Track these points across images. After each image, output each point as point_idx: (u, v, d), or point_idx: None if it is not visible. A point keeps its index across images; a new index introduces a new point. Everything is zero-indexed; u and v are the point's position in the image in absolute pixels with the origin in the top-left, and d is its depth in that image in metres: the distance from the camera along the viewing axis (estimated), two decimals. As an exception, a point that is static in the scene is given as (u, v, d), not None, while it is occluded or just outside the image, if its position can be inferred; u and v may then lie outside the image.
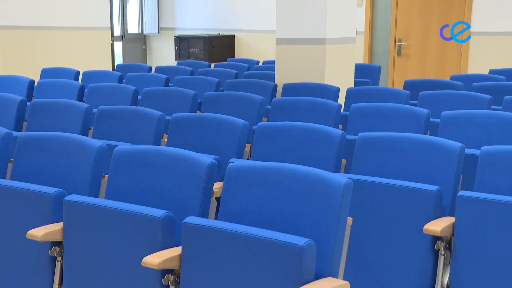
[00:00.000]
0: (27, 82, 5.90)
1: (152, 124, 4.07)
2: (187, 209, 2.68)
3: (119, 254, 2.54)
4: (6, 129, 3.37)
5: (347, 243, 2.47)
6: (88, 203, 2.62)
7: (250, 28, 11.20)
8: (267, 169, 2.51)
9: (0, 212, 2.90)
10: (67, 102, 4.46)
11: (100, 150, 3.04)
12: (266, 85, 5.64)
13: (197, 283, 2.35)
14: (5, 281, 2.91)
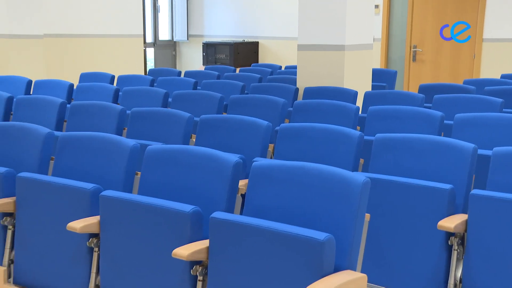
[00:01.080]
0: (67, 86, 5.94)
1: (181, 125, 4.08)
2: (214, 205, 2.69)
3: (151, 246, 2.55)
4: (48, 129, 3.39)
5: (364, 238, 2.46)
6: (123, 198, 2.63)
7: (273, 35, 11.19)
8: (289, 168, 2.50)
9: (42, 206, 2.93)
10: (103, 104, 4.48)
11: (133, 149, 3.06)
12: (288, 88, 5.63)
13: (223, 274, 2.36)
14: (46, 270, 2.93)
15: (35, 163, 3.36)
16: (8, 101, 5.05)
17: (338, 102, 4.53)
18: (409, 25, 9.60)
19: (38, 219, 2.94)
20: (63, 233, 2.84)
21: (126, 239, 2.62)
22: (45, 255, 2.92)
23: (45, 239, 2.92)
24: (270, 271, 2.25)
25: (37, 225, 2.94)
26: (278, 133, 3.66)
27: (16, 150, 3.44)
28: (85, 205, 2.79)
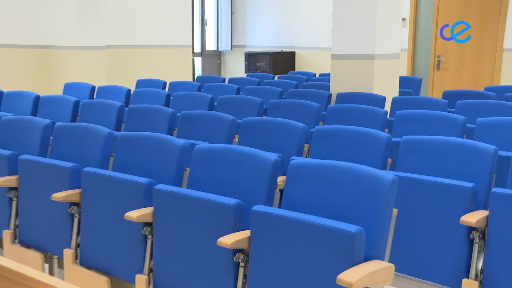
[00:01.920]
0: (125, 91, 6.00)
1: (225, 126, 4.09)
2: (255, 199, 2.68)
3: (199, 234, 2.56)
4: (109, 129, 3.43)
5: (392, 231, 2.43)
6: (173, 191, 2.64)
7: (308, 46, 11.17)
8: (323, 166, 2.48)
9: (103, 197, 2.96)
10: (156, 107, 4.51)
11: (183, 148, 3.07)
12: (322, 94, 5.61)
13: (263, 261, 2.35)
14: (107, 253, 2.96)
15: (98, 159, 3.40)
16: (75, 105, 5.12)
17: (368, 107, 4.49)
18: (433, 36, 9.50)
19: (100, 208, 2.97)
20: (122, 221, 2.87)
21: (176, 228, 2.63)
22: (106, 240, 2.96)
23: (106, 226, 2.96)
24: (305, 259, 2.23)
25: (99, 213, 2.98)
26: (313, 135, 3.64)
27: (81, 147, 3.49)
28: (140, 197, 2.81)
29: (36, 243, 3.30)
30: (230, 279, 2.45)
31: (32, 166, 3.28)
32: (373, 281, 2.08)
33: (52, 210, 3.19)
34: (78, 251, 3.10)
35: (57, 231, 3.18)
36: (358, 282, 1.99)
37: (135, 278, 2.79)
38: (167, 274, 2.68)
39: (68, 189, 3.10)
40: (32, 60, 8.18)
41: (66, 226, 3.13)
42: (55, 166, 3.16)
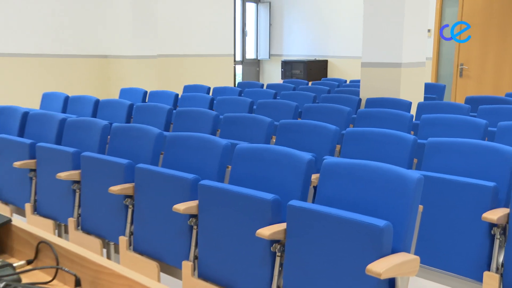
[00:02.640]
0: (173, 96, 6.05)
1: (264, 128, 4.08)
2: (290, 194, 2.67)
3: (239, 226, 2.56)
4: (159, 130, 3.46)
5: (418, 226, 2.39)
6: (216, 187, 2.65)
7: (339, 55, 11.11)
8: (354, 165, 2.46)
9: (154, 191, 2.98)
10: (201, 110, 4.54)
11: (225, 147, 3.07)
12: (352, 99, 5.57)
13: (298, 252, 2.34)
14: (157, 241, 2.98)
15: (149, 157, 3.43)
16: (130, 107, 5.18)
17: (395, 111, 4.45)
18: (456, 46, 9.37)
19: (151, 200, 3.00)
20: (170, 212, 2.89)
21: (219, 220, 2.64)
22: (156, 229, 2.98)
23: (156, 216, 2.98)
24: (336, 250, 2.21)
25: (150, 205, 3.01)
26: (344, 136, 3.62)
27: (135, 146, 3.53)
28: (187, 191, 2.82)
29: (95, 230, 3.36)
30: (268, 267, 2.45)
31: (92, 162, 3.33)
32: (399, 272, 2.06)
33: (109, 201, 3.24)
34: (131, 238, 3.14)
35: (114, 220, 3.22)
36: (385, 272, 1.97)
37: (182, 264, 2.81)
38: (210, 261, 2.69)
39: (123, 183, 3.14)
40: (93, 68, 8.32)
41: (121, 216, 3.18)
42: (112, 162, 3.21)
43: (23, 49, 7.60)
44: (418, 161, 3.64)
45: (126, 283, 1.21)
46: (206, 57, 9.86)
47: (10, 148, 3.94)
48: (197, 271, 2.76)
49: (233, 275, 2.59)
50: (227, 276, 2.62)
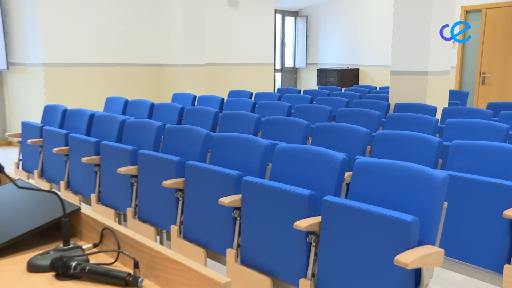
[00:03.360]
0: (219, 100, 6.08)
1: (301, 129, 4.07)
2: (325, 190, 2.66)
3: (279, 218, 2.55)
4: (207, 131, 3.49)
5: (443, 221, 2.35)
6: (258, 182, 2.65)
7: (370, 64, 10.99)
8: (384, 164, 2.43)
9: (202, 185, 3.00)
10: (244, 113, 4.55)
11: (266, 147, 3.07)
12: (382, 104, 5.50)
13: (331, 242, 2.33)
14: (203, 230, 3.01)
15: (197, 154, 3.46)
16: (181, 110, 5.24)
17: (421, 115, 4.38)
18: (479, 56, 9.19)
19: (199, 194, 3.02)
20: (216, 205, 2.91)
21: (260, 212, 2.64)
22: (203, 220, 3.00)
23: (203, 208, 3.00)
24: (367, 242, 2.19)
25: (199, 198, 3.03)
26: (374, 138, 3.58)
27: (185, 144, 3.56)
28: (231, 186, 2.83)
29: (150, 219, 3.41)
30: (304, 255, 2.44)
31: (148, 159, 3.38)
32: (425, 263, 2.03)
33: (162, 194, 3.28)
34: (181, 227, 3.17)
35: (166, 211, 3.26)
36: (412, 263, 1.95)
37: (226, 251, 2.83)
38: (252, 250, 2.70)
39: (175, 177, 3.17)
40: (149, 76, 8.44)
41: (173, 207, 3.21)
42: (165, 159, 3.25)
43: (90, 60, 7.77)
44: (442, 161, 3.58)
45: (178, 267, 1.23)
46: (248, 66, 9.89)
47: (79, 146, 4.04)
48: (239, 258, 2.77)
49: (272, 263, 2.59)
50: (266, 263, 2.62)
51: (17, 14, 7.58)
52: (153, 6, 8.36)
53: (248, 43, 9.86)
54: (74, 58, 7.61)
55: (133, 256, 1.36)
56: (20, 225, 1.56)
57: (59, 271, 1.33)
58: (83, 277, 1.31)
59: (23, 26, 7.50)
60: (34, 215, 1.60)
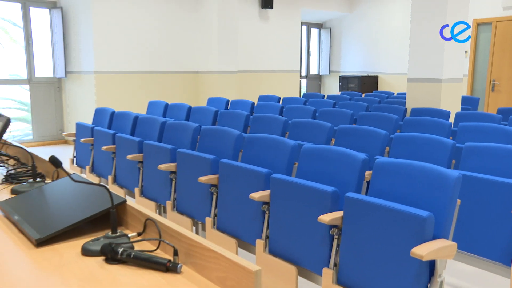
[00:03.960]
0: (250, 104, 6.09)
1: (325, 131, 4.04)
2: (347, 187, 2.63)
3: (304, 212, 2.54)
4: (239, 132, 3.49)
5: (456, 217, 2.30)
6: (285, 179, 2.64)
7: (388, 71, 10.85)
8: (402, 164, 2.40)
9: (234, 181, 3.01)
10: (273, 116, 4.54)
11: (293, 147, 3.06)
12: (399, 108, 5.43)
13: (352, 235, 2.30)
14: (235, 222, 3.01)
15: (230, 153, 3.46)
16: (215, 113, 5.26)
17: (436, 119, 4.31)
18: (489, 65, 9.02)
19: (232, 189, 3.03)
20: (247, 199, 2.91)
21: (287, 206, 2.64)
22: (235, 212, 3.01)
23: (235, 202, 3.01)
24: (385, 235, 2.17)
25: (231, 193, 3.03)
26: (392, 140, 3.53)
27: (219, 144, 3.57)
28: (261, 182, 2.83)
29: (187, 211, 3.43)
30: (327, 247, 2.43)
31: (185, 157, 3.40)
32: (439, 255, 1.99)
33: (198, 189, 3.30)
34: (215, 219, 3.18)
35: (201, 204, 3.28)
36: (427, 255, 1.92)
37: (255, 241, 2.83)
38: (279, 240, 2.69)
39: (209, 174, 3.19)
40: (187, 82, 8.51)
41: (207, 201, 3.23)
42: (201, 157, 3.26)
43: (135, 68, 7.88)
44: (455, 162, 3.51)
45: (213, 255, 1.23)
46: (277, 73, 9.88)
47: (124, 144, 4.10)
48: (268, 248, 2.77)
49: (298, 253, 2.58)
50: (292, 253, 2.61)
51: (75, 31, 7.74)
52: (191, 19, 8.43)
53: (277, 52, 9.84)
54: (121, 67, 7.73)
55: (173, 244, 1.37)
56: (75, 214, 1.59)
57: (108, 255, 1.35)
58: (128, 262, 1.33)
59: (79, 40, 7.65)
60: (86, 206, 1.63)
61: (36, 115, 7.93)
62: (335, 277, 2.37)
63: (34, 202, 1.76)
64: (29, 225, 1.56)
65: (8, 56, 7.96)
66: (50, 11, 7.76)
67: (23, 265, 1.34)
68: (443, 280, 2.12)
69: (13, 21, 7.82)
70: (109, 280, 1.24)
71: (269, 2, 9.43)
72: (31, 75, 7.77)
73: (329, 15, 11.53)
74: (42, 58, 7.85)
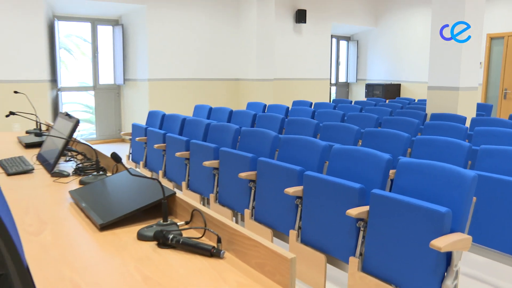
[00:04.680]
0: (285, 108, 6.06)
1: (352, 133, 3.99)
2: (373, 184, 2.59)
3: (334, 207, 2.51)
4: (275, 133, 3.48)
5: (471, 212, 2.23)
6: (317, 177, 2.62)
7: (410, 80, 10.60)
8: (423, 164, 2.33)
9: (270, 176, 3.00)
10: (306, 119, 4.51)
11: (324, 147, 3.03)
12: (420, 113, 5.29)
13: (377, 228, 2.26)
14: (270, 214, 3.00)
15: (267, 152, 3.46)
16: (254, 116, 5.26)
17: (453, 124, 4.19)
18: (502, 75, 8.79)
19: (269, 184, 3.02)
20: (282, 194, 2.90)
21: (318, 201, 2.61)
22: (271, 205, 3.00)
23: (272, 196, 3.00)
24: (407, 228, 2.11)
25: (268, 187, 3.03)
26: (414, 142, 3.45)
27: (257, 144, 3.57)
28: (295, 178, 2.82)
29: (228, 204, 3.44)
30: (353, 238, 2.39)
31: (227, 155, 3.42)
32: (455, 247, 1.94)
33: (238, 183, 3.30)
34: (253, 211, 3.18)
35: (241, 197, 3.29)
36: (445, 247, 1.87)
37: (289, 232, 2.81)
38: (310, 231, 2.67)
39: (249, 170, 3.19)
40: (228, 88, 8.56)
41: (246, 194, 3.23)
42: (241, 155, 3.27)
43: (183, 75, 7.99)
44: (471, 163, 3.39)
45: (253, 243, 1.23)
46: (309, 80, 9.81)
47: (173, 143, 4.16)
48: (300, 238, 2.75)
49: (327, 242, 2.55)
50: (322, 243, 2.59)
51: (132, 44, 7.92)
52: (233, 33, 8.47)
53: (309, 62, 9.77)
54: (171, 74, 7.86)
55: (216, 232, 1.38)
56: (132, 203, 1.62)
57: (160, 241, 1.37)
58: (177, 247, 1.35)
59: (136, 52, 7.82)
60: (141, 197, 1.66)
61: (99, 117, 8.15)
62: (360, 265, 2.33)
63: (98, 192, 1.80)
64: (94, 212, 1.60)
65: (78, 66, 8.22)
66: (113, 28, 7.96)
67: (89, 245, 1.37)
68: (458, 270, 2.05)
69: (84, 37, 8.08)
70: (160, 262, 1.26)
71: (303, 18, 9.38)
72: (95, 83, 8.00)
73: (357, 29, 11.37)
74: (105, 67, 8.06)
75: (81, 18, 7.70)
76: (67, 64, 8.28)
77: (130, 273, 1.19)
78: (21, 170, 2.30)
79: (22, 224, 1.55)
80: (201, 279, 1.16)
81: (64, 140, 2.33)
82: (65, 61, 8.18)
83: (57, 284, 1.12)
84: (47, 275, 1.17)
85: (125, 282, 1.14)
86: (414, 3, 10.47)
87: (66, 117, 2.59)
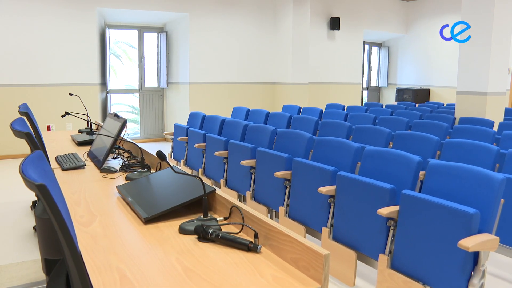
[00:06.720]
0: (319, 111, 6.00)
1: (384, 136, 3.90)
2: (403, 185, 2.52)
3: (367, 206, 2.46)
4: (310, 134, 3.45)
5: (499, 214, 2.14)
6: (350, 177, 2.58)
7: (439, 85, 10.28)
8: (452, 166, 2.25)
9: (304, 176, 2.98)
10: (339, 122, 4.45)
11: (357, 149, 2.98)
12: (449, 117, 5.12)
13: (406, 227, 2.20)
14: (304, 211, 2.97)
15: (302, 153, 3.43)
16: (289, 118, 5.24)
17: (481, 127, 4.03)
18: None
19: (302, 183, 2.99)
20: (316, 192, 2.86)
21: (350, 200, 2.57)
22: (305, 202, 2.97)
23: (305, 194, 2.96)
24: (436, 228, 2.05)
25: (302, 185, 2.99)
26: (443, 145, 3.33)
27: (292, 145, 3.55)
28: (328, 178, 2.78)
29: (264, 201, 3.43)
30: (383, 236, 2.34)
31: (263, 155, 3.41)
32: (483, 247, 1.87)
33: (273, 182, 3.28)
34: (287, 208, 3.15)
35: (276, 195, 3.27)
36: (473, 247, 1.81)
37: (321, 229, 2.78)
38: (342, 229, 2.63)
39: (284, 170, 3.16)
40: (265, 91, 8.56)
41: (281, 192, 3.21)
42: (277, 155, 3.25)
43: (222, 79, 8.05)
44: (499, 166, 3.25)
45: (288, 239, 1.22)
46: (342, 84, 9.69)
47: (213, 143, 4.19)
48: (332, 235, 2.72)
49: (358, 240, 2.50)
50: (354, 240, 2.54)
51: (176, 50, 8.06)
52: (270, 40, 8.47)
53: (342, 67, 9.65)
54: (211, 78, 7.94)
55: (254, 228, 1.37)
56: (174, 199, 1.64)
57: (200, 235, 1.38)
58: (216, 241, 1.35)
59: (178, 57, 7.96)
60: (183, 193, 1.68)
61: (143, 117, 8.34)
62: (389, 262, 2.28)
63: (143, 187, 1.83)
64: (139, 206, 1.63)
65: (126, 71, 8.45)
66: (158, 35, 8.13)
67: (135, 237, 1.40)
68: (485, 269, 1.98)
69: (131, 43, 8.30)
70: (200, 255, 1.27)
71: (336, 25, 9.28)
72: (141, 85, 8.19)
73: (388, 36, 11.14)
74: (149, 71, 8.24)
75: (129, 26, 7.90)
76: (116, 68, 8.52)
77: (171, 264, 1.20)
78: (74, 166, 2.38)
79: (75, 215, 1.60)
80: (238, 272, 1.16)
81: (112, 139, 2.39)
82: (113, 66, 8.42)
83: (105, 271, 1.15)
84: (97, 263, 1.20)
85: (167, 273, 1.15)
86: (445, 11, 10.18)
87: (115, 117, 2.65)
